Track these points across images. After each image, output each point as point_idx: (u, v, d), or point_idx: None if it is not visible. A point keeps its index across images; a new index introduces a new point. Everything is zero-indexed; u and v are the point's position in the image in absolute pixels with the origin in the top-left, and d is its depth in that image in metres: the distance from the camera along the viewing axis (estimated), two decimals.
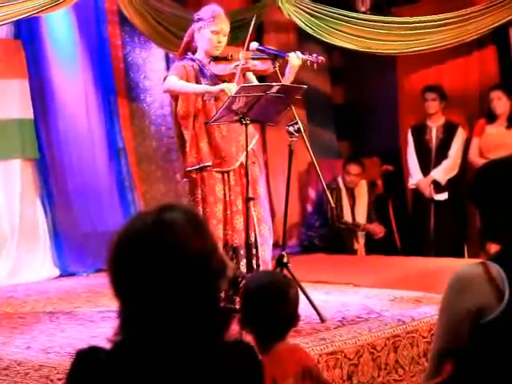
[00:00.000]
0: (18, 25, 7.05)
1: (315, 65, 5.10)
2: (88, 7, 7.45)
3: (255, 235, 5.08)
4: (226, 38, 5.20)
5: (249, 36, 5.12)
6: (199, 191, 5.16)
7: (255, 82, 5.24)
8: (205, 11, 5.20)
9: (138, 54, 7.93)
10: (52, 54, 7.37)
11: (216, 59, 5.20)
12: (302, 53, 5.09)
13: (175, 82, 5.11)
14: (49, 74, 7.35)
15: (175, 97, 5.20)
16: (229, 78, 5.16)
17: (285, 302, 2.85)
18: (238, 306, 4.26)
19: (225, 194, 5.17)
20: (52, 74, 7.37)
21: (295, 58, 5.03)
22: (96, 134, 7.66)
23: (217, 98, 5.12)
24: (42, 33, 7.30)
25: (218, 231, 5.04)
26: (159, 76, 7.95)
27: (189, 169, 5.17)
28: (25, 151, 7.18)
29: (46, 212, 7.29)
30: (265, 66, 5.19)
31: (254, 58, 5.19)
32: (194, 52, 5.28)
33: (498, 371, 2.28)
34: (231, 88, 4.90)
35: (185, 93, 5.13)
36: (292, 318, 2.87)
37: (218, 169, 5.17)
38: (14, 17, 6.27)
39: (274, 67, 5.05)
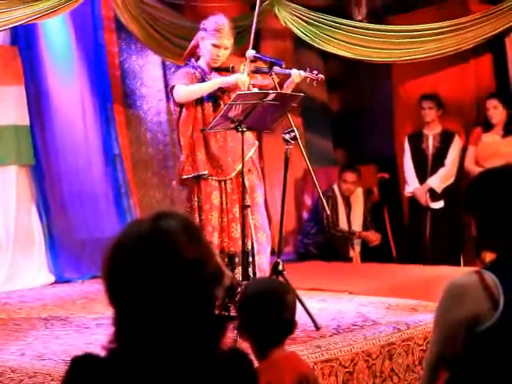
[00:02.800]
0: (15, 31, 7.05)
1: (315, 82, 5.12)
2: (85, 14, 7.45)
3: (252, 243, 5.08)
4: (228, 51, 5.20)
5: (251, 44, 5.15)
6: (196, 198, 5.18)
7: None
8: (210, 22, 5.19)
9: (135, 60, 7.93)
10: (48, 61, 7.37)
11: (218, 70, 5.22)
12: (304, 70, 5.11)
13: (186, 88, 5.11)
14: (45, 81, 7.35)
15: (180, 104, 5.21)
16: (229, 89, 5.17)
17: (283, 309, 2.85)
18: (233, 314, 4.27)
19: (221, 202, 5.18)
20: (48, 81, 7.37)
21: (297, 76, 5.06)
22: (92, 141, 7.66)
23: (216, 108, 5.13)
24: (38, 39, 7.30)
25: (213, 238, 5.05)
26: (156, 83, 7.97)
27: (184, 176, 5.19)
28: (20, 157, 7.17)
29: (41, 218, 7.28)
30: (266, 81, 5.20)
31: (255, 72, 5.20)
32: (198, 58, 5.29)
33: (493, 379, 2.28)
34: (244, 81, 4.99)
35: (201, 93, 5.12)
36: (289, 325, 2.87)
37: (215, 178, 5.18)
38: (10, 23, 6.27)
39: (271, 75, 5.05)
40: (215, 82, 5.14)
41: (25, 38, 7.22)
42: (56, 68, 7.42)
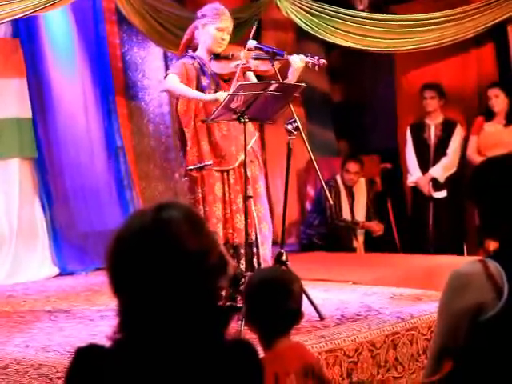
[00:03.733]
0: (16, 24, 7.04)
1: (316, 67, 5.09)
2: (86, 6, 7.45)
3: (256, 234, 5.07)
4: (229, 36, 5.20)
5: (251, 35, 5.13)
6: (199, 190, 5.14)
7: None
8: (209, 8, 5.19)
9: (136, 52, 7.93)
10: (50, 53, 7.37)
11: (217, 57, 5.19)
12: (305, 55, 5.07)
13: (175, 84, 5.07)
14: (47, 73, 7.35)
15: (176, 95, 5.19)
16: (229, 77, 5.15)
17: (288, 297, 2.84)
18: (240, 304, 4.27)
19: (224, 193, 5.15)
20: (50, 73, 7.37)
21: (298, 61, 5.01)
22: (94, 133, 7.66)
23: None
24: (40, 32, 7.30)
25: (217, 230, 5.04)
26: (157, 74, 7.96)
27: (190, 167, 5.15)
28: (23, 150, 7.18)
29: (44, 211, 7.29)
30: (267, 66, 5.17)
31: (255, 58, 5.18)
32: (195, 49, 5.26)
33: (497, 368, 2.29)
34: (224, 96, 4.82)
35: (182, 96, 5.10)
36: (295, 314, 2.86)
37: (217, 168, 5.16)
38: (11, 16, 6.27)
39: (273, 65, 5.03)
40: (198, 95, 5.03)
41: (26, 31, 7.22)
42: (58, 60, 7.41)
